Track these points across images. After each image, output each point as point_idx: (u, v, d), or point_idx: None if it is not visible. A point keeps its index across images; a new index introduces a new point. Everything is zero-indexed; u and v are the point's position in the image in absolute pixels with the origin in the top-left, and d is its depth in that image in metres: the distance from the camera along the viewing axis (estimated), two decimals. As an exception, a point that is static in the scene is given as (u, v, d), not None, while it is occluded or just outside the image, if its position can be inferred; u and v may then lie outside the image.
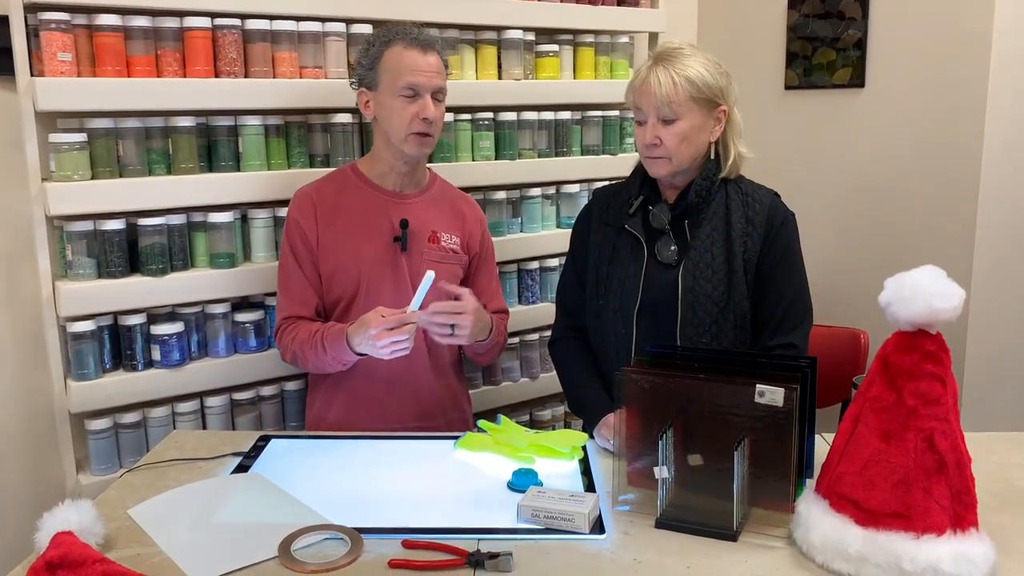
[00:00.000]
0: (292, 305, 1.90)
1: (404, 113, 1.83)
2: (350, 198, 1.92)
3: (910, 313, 1.21)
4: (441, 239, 1.95)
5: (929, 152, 2.67)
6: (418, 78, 1.82)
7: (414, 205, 1.94)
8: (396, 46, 1.84)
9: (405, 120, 1.83)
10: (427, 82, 1.83)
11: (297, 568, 1.26)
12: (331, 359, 1.81)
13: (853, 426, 1.27)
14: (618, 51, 2.66)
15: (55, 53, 1.82)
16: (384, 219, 1.91)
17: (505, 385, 2.48)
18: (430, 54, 1.85)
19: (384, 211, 1.92)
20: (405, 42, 1.84)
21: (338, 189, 1.93)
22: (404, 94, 1.82)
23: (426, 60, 1.84)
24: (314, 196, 1.92)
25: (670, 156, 1.71)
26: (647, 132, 1.70)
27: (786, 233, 1.75)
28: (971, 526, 1.20)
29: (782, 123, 2.98)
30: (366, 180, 1.94)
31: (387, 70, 1.84)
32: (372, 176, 1.94)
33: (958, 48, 2.58)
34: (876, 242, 2.81)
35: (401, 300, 1.80)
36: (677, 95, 1.67)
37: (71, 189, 1.86)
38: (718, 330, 1.72)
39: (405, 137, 1.85)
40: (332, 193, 1.93)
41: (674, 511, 1.39)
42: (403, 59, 1.83)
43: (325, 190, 1.93)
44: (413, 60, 1.83)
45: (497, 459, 1.63)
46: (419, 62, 1.83)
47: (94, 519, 1.28)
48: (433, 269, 1.89)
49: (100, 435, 1.95)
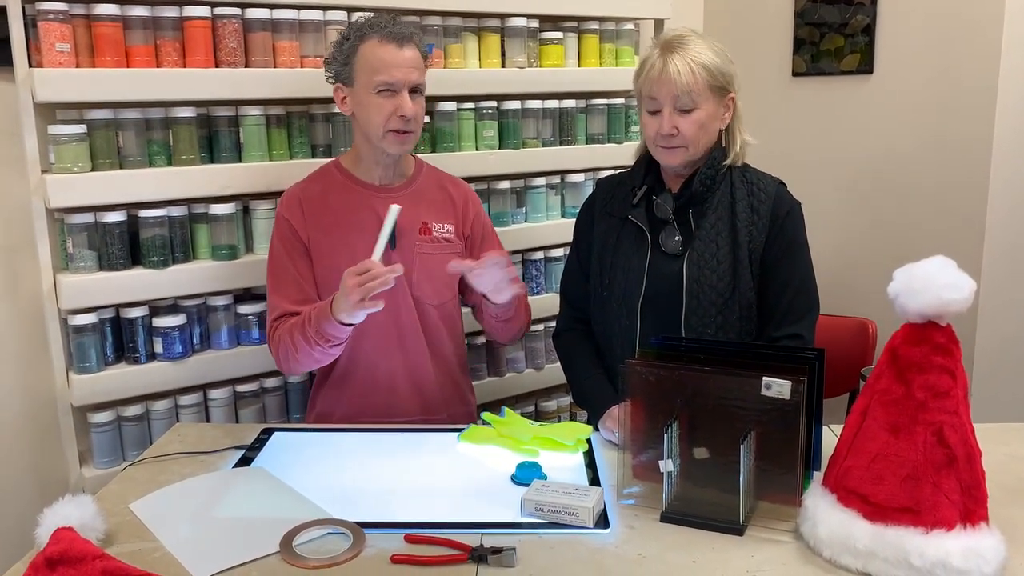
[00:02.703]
0: (284, 303, 1.83)
1: (381, 111, 1.77)
2: (337, 197, 1.88)
3: (920, 305, 1.19)
4: (433, 229, 1.91)
5: (938, 140, 2.64)
6: (394, 75, 1.76)
7: (402, 197, 1.87)
8: (370, 40, 1.77)
9: (382, 118, 1.78)
10: (404, 78, 1.77)
11: (299, 563, 1.25)
12: (315, 335, 1.72)
13: (861, 419, 1.26)
14: (623, 38, 2.64)
15: (53, 44, 1.81)
16: (372, 216, 1.85)
17: (510, 376, 2.46)
18: (407, 48, 1.78)
19: (371, 207, 1.87)
20: (380, 36, 1.77)
21: (324, 188, 1.89)
22: (380, 90, 1.77)
23: (402, 55, 1.77)
24: (300, 196, 1.88)
25: (687, 145, 1.68)
26: (664, 122, 1.66)
27: (792, 222, 1.73)
28: (981, 520, 1.18)
29: (789, 110, 2.95)
30: (351, 176, 1.90)
31: (362, 66, 1.78)
32: (356, 172, 1.90)
33: (968, 34, 2.55)
34: (884, 231, 2.78)
35: (396, 299, 1.79)
36: (696, 83, 1.64)
37: (71, 181, 1.85)
38: (723, 321, 1.70)
39: (383, 135, 1.80)
40: (319, 193, 1.88)
41: (679, 505, 1.37)
42: (378, 54, 1.76)
43: (311, 190, 1.89)
44: (389, 55, 1.76)
45: (501, 452, 1.62)
46: (396, 57, 1.77)
47: (94, 514, 1.27)
48: (427, 262, 1.89)
49: (103, 428, 1.95)
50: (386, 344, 1.88)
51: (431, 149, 2.31)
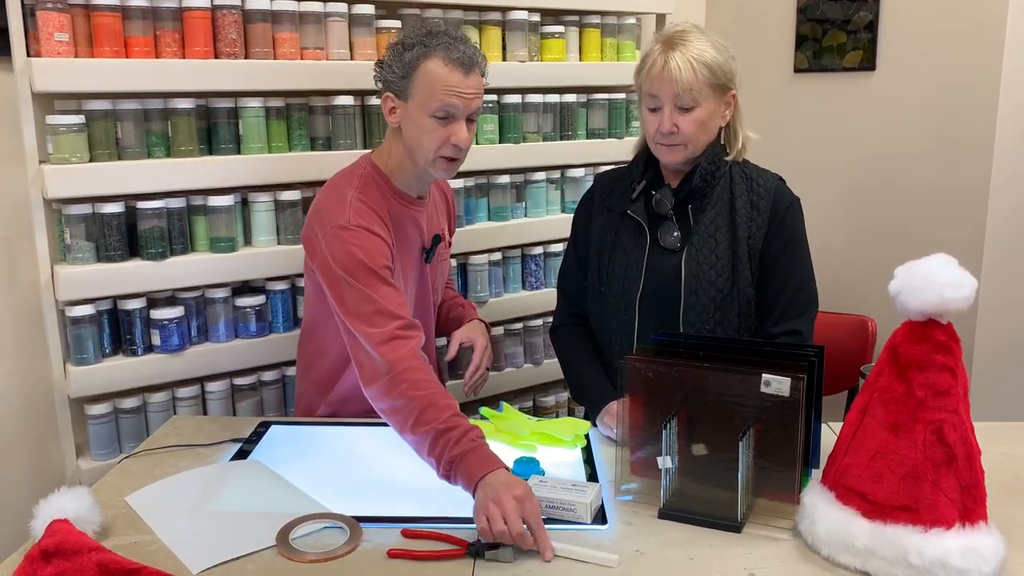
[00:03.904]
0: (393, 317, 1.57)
1: (434, 135, 1.65)
2: (393, 210, 1.75)
3: (920, 303, 1.18)
4: (446, 237, 1.92)
5: (940, 137, 2.63)
6: (456, 102, 1.63)
7: (427, 208, 1.83)
8: (435, 59, 1.63)
9: (434, 143, 1.65)
10: (465, 106, 1.64)
11: (295, 557, 1.25)
12: (434, 454, 1.41)
13: (861, 417, 1.25)
14: (625, 33, 2.63)
15: (52, 33, 1.79)
16: (415, 231, 1.78)
17: (509, 371, 2.46)
18: (473, 74, 1.65)
19: (415, 222, 1.78)
20: (447, 58, 1.62)
21: (382, 200, 1.73)
22: (438, 115, 1.64)
23: (468, 82, 1.64)
24: (378, 211, 1.70)
25: (687, 143, 1.67)
26: (664, 120, 1.65)
27: (791, 218, 1.72)
28: (980, 519, 1.18)
29: (791, 107, 2.94)
30: (395, 190, 1.76)
31: (422, 84, 1.63)
32: (398, 184, 1.76)
33: (971, 31, 2.54)
34: (884, 228, 2.78)
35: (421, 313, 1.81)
36: (697, 81, 1.62)
37: (69, 172, 1.84)
38: (722, 317, 1.69)
39: (433, 160, 1.68)
40: (383, 207, 1.72)
41: (678, 501, 1.37)
42: (443, 77, 1.62)
43: (377, 203, 1.71)
44: (455, 80, 1.62)
45: (498, 447, 1.61)
46: (461, 84, 1.63)
47: (90, 507, 1.27)
48: (442, 268, 1.90)
49: (100, 420, 1.94)
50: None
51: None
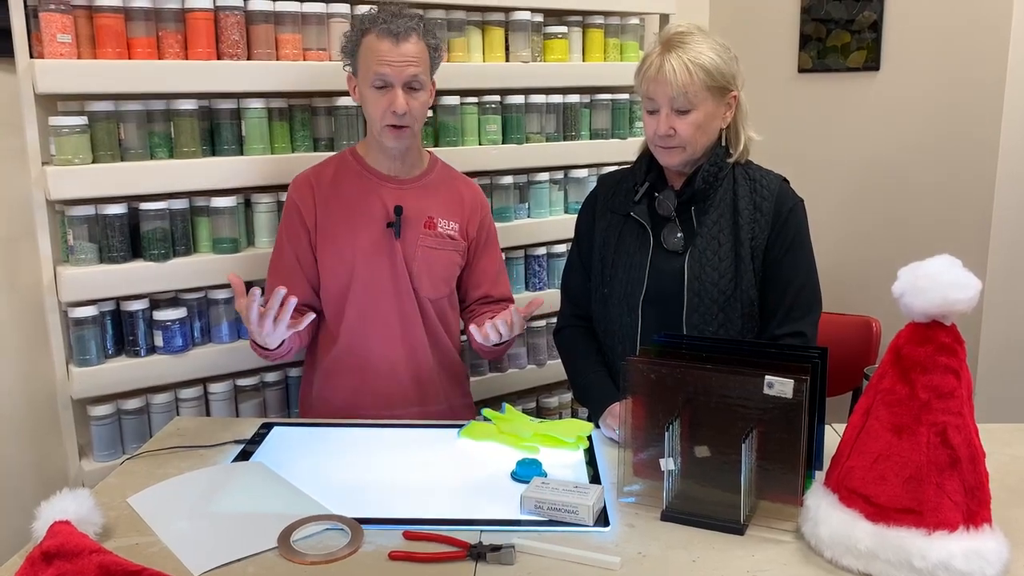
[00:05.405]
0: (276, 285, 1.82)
1: (376, 105, 1.79)
2: (348, 182, 1.89)
3: (924, 304, 1.17)
4: (438, 225, 1.91)
5: (945, 137, 2.62)
6: (387, 70, 1.76)
7: (412, 190, 1.90)
8: (371, 34, 1.78)
9: (378, 112, 1.79)
10: (397, 74, 1.76)
11: (297, 559, 1.25)
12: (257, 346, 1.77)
13: (864, 419, 1.24)
14: (628, 33, 2.62)
15: (55, 34, 1.80)
16: (379, 204, 1.88)
17: (512, 372, 2.45)
18: (404, 43, 1.76)
19: (379, 196, 1.89)
20: (378, 30, 1.77)
21: (336, 172, 1.91)
22: (376, 85, 1.77)
23: (398, 50, 1.76)
24: (312, 179, 1.90)
25: (684, 145, 1.67)
26: (661, 123, 1.65)
27: (795, 219, 1.72)
28: (984, 522, 1.17)
29: (795, 107, 2.93)
30: (363, 163, 1.91)
31: (363, 59, 1.79)
32: (369, 160, 1.92)
33: (975, 31, 2.53)
34: (889, 229, 2.77)
35: (397, 288, 1.82)
36: (693, 84, 1.62)
37: (72, 173, 1.84)
38: (725, 318, 1.69)
39: (380, 129, 1.82)
40: (330, 176, 1.90)
41: (680, 503, 1.36)
42: (375, 48, 1.76)
43: (323, 173, 1.91)
44: (385, 50, 1.76)
45: (501, 449, 1.61)
46: (390, 52, 1.76)
47: (92, 508, 1.27)
48: (428, 256, 1.88)
49: (102, 421, 1.95)
50: (388, 332, 1.89)
51: (434, 143, 2.30)
